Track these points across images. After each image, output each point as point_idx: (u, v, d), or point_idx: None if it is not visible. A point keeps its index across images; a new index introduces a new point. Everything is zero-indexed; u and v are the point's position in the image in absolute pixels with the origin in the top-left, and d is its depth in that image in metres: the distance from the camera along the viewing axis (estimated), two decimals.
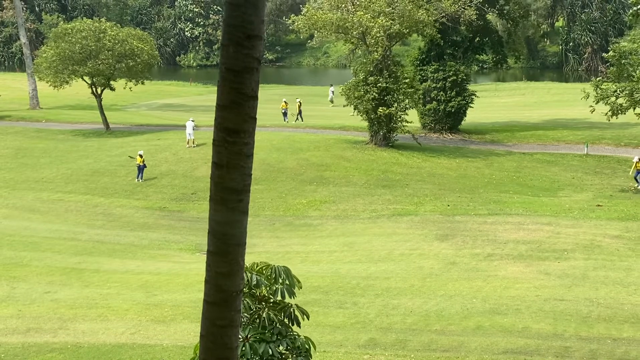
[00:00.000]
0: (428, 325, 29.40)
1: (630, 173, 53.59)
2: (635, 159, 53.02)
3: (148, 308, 31.75)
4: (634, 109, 50.46)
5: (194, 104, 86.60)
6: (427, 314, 30.48)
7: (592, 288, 32.82)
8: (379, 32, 57.57)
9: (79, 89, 72.09)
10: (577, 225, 43.18)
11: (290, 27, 65.70)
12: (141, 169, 53.73)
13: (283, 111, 74.31)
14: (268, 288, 15.62)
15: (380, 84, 58.56)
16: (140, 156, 53.90)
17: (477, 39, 69.08)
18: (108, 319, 30.72)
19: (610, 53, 54.02)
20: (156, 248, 42.65)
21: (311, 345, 15.44)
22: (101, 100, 67.99)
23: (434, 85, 65.49)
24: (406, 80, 60.22)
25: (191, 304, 31.85)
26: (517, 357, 26.39)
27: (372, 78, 58.91)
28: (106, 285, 35.21)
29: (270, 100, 75.99)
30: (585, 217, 44.79)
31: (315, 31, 61.95)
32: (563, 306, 30.69)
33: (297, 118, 72.87)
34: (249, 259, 15.95)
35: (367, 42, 59.76)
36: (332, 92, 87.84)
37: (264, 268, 15.67)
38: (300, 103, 73.74)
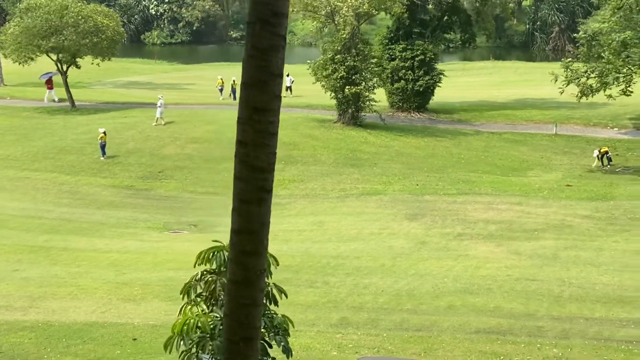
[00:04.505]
0: (399, 304, 29.37)
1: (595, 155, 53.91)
2: (596, 153, 53.46)
3: (118, 287, 31.48)
4: (604, 90, 50.61)
5: (160, 81, 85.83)
6: (399, 293, 30.45)
7: (564, 268, 32.95)
8: (348, 12, 57.31)
9: (44, 66, 71.11)
10: (547, 205, 43.34)
11: None
12: (103, 146, 53.18)
13: (219, 87, 73.63)
14: None
15: (348, 63, 58.30)
16: (105, 134, 53.33)
17: (446, 17, 68.91)
18: (78, 297, 30.43)
19: (581, 34, 54.18)
20: (124, 226, 42.26)
21: (289, 323, 15.31)
22: (67, 77, 67.14)
23: (402, 64, 65.24)
24: (374, 60, 60.05)
25: (161, 283, 31.61)
26: (489, 337, 26.40)
27: (339, 56, 58.63)
28: (75, 263, 34.90)
29: (240, 79, 75.30)
30: (555, 197, 44.96)
31: None
32: (535, 286, 30.78)
33: (230, 95, 72.18)
34: (218, 238, 15.76)
35: (336, 21, 59.46)
36: None
37: None
38: (234, 81, 72.92)
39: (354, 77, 58.47)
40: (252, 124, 8.40)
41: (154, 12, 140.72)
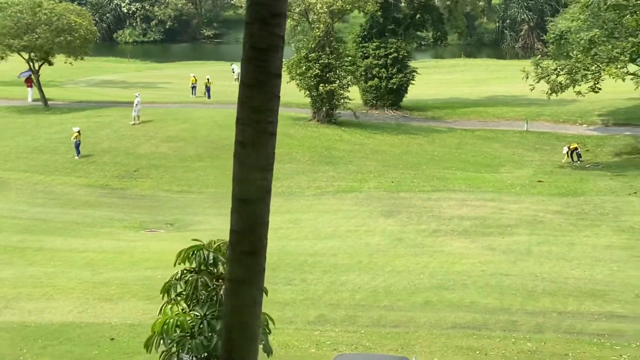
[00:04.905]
0: (377, 301, 29.64)
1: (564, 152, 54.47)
2: (565, 150, 54.10)
3: (94, 286, 31.50)
4: (574, 87, 51.14)
5: (134, 80, 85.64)
6: (376, 290, 30.71)
7: (537, 263, 33.37)
8: (322, 9, 57.55)
9: (15, 64, 70.80)
10: (520, 201, 43.78)
11: (231, 2, 65.21)
12: (77, 145, 53.05)
13: (192, 85, 73.61)
14: (225, 266, 15.60)
15: (322, 61, 58.54)
16: (79, 132, 53.22)
17: (418, 16, 69.30)
18: (53, 297, 30.43)
19: (549, 34, 54.78)
20: (99, 226, 42.24)
21: (269, 321, 15.48)
22: (39, 76, 66.90)
23: (376, 62, 65.59)
24: (348, 58, 60.35)
25: (138, 282, 31.67)
26: (465, 332, 26.73)
27: (314, 54, 58.84)
28: (50, 263, 34.86)
29: (213, 77, 75.15)
30: (527, 193, 45.42)
31: None
32: (509, 281, 31.15)
33: (204, 93, 71.93)
34: (196, 236, 15.95)
35: (310, 19, 59.64)
36: (234, 70, 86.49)
37: (221, 245, 15.66)
38: (208, 80, 72.76)
39: (328, 75, 58.74)
40: (251, 124, 8.50)
41: (126, 11, 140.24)
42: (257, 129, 8.55)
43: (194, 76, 74.45)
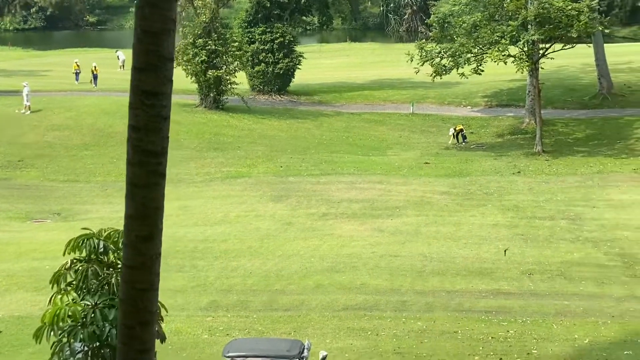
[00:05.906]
0: (268, 285, 29.80)
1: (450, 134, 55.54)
2: (451, 131, 55.22)
3: None
4: (457, 69, 52.08)
5: (15, 68, 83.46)
6: (267, 274, 30.86)
7: (425, 243, 33.96)
8: None
9: None
10: (407, 182, 44.46)
11: None
12: None
13: (75, 72, 72.41)
14: (116, 254, 15.50)
15: (209, 47, 58.31)
16: None
17: (303, 0, 69.52)
18: None
19: (432, 18, 55.66)
20: None
21: (162, 308, 15.41)
22: None
23: (262, 47, 65.64)
24: (235, 43, 60.22)
25: (25, 273, 31.10)
26: (357, 313, 27.11)
27: (200, 40, 58.58)
28: None
29: (98, 64, 73.89)
30: (415, 175, 46.16)
31: None
32: (398, 262, 31.65)
33: (91, 81, 70.78)
34: (83, 225, 15.79)
35: (195, 4, 59.28)
36: (119, 57, 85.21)
37: (111, 234, 15.55)
38: (95, 67, 71.57)
39: (215, 61, 58.57)
40: (144, 108, 8.43)
41: None
42: (150, 113, 8.52)
43: (76, 62, 73.14)
